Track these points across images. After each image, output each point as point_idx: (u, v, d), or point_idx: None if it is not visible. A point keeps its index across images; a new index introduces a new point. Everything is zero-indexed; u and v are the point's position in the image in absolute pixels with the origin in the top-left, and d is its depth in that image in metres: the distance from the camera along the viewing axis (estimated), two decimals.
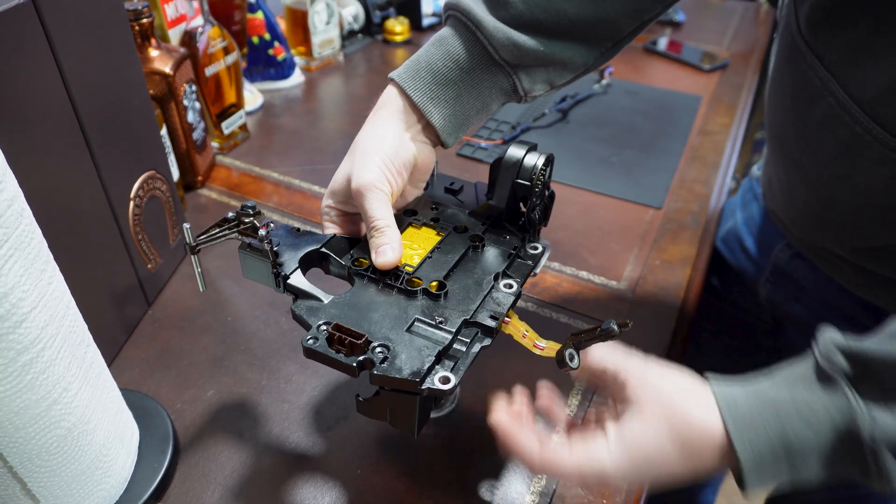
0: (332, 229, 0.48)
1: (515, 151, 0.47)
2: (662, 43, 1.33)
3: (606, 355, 0.41)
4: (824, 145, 0.52)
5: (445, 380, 0.37)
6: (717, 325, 0.86)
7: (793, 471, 0.37)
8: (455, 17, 0.49)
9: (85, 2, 0.51)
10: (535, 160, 0.47)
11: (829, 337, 0.38)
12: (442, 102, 0.49)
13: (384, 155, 0.46)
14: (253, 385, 0.57)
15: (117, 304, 0.60)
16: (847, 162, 0.50)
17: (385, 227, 0.44)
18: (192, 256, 0.44)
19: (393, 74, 0.49)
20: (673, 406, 0.38)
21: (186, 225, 0.42)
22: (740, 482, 0.37)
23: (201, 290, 0.46)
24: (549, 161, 0.48)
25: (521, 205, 0.49)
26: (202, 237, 0.44)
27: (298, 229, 0.47)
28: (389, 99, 0.49)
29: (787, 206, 0.63)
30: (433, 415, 0.55)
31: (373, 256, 0.44)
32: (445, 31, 0.50)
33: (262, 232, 0.42)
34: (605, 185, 0.88)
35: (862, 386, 0.36)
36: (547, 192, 0.50)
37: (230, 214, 0.44)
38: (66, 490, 0.42)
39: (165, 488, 0.49)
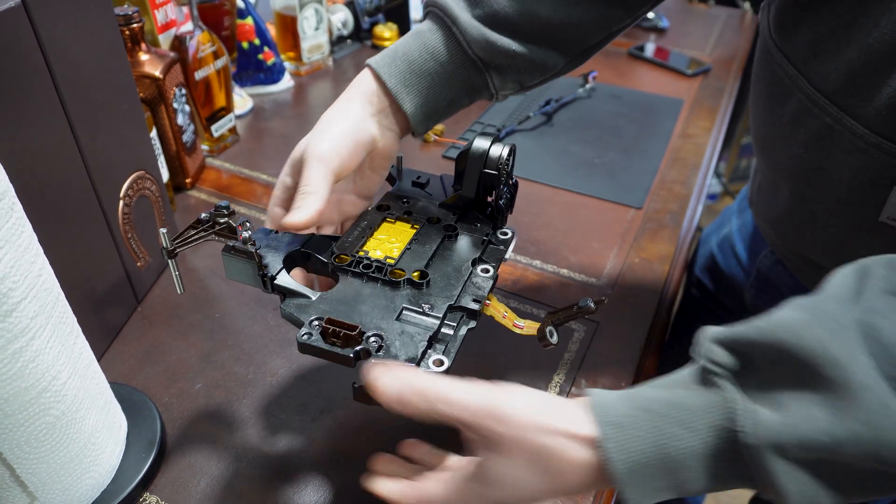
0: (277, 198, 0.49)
1: (481, 143, 0.49)
2: (649, 49, 1.35)
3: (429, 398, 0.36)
4: (798, 139, 0.54)
5: (439, 362, 0.39)
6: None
7: (673, 480, 0.33)
8: (433, 12, 0.52)
9: (76, 6, 0.52)
10: (499, 151, 0.49)
11: (707, 331, 0.34)
12: (415, 91, 0.50)
13: (341, 130, 0.47)
14: (240, 379, 0.59)
15: (107, 300, 0.61)
16: (820, 153, 0.52)
17: (308, 193, 0.44)
18: (169, 261, 0.45)
19: (370, 60, 0.51)
20: (532, 435, 0.34)
21: (163, 230, 0.43)
22: (623, 497, 0.33)
23: (179, 292, 0.47)
24: (512, 151, 0.50)
25: (487, 195, 0.51)
26: (178, 241, 0.44)
27: (276, 231, 0.48)
28: (362, 82, 0.51)
29: (770, 208, 0.65)
30: None
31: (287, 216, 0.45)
32: (424, 25, 0.53)
33: (245, 234, 0.43)
34: (587, 185, 0.90)
35: (745, 379, 0.32)
36: (511, 181, 0.52)
37: (203, 215, 0.45)
38: (55, 477, 0.43)
39: (153, 478, 0.50)
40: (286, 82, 1.13)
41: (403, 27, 1.34)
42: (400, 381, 0.36)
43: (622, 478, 0.33)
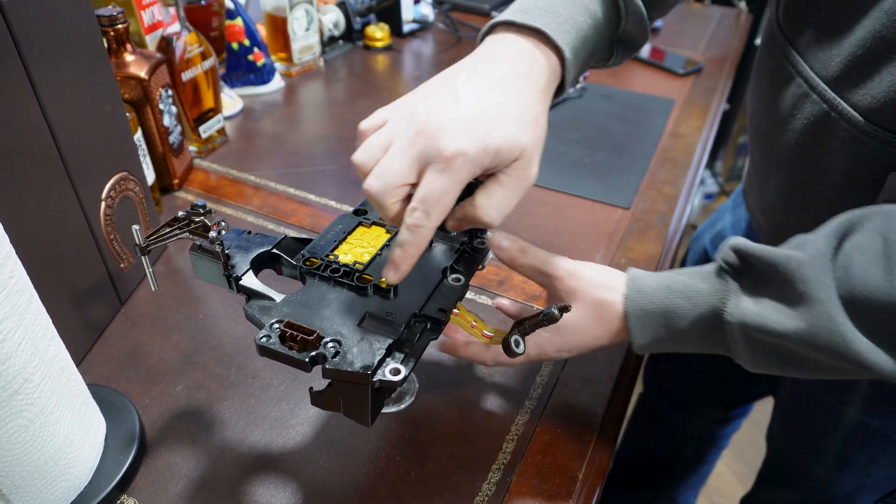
0: None
1: None
2: (645, 50, 1.35)
3: (531, 254, 0.49)
4: (794, 125, 0.54)
5: (396, 371, 0.38)
6: None
7: (670, 331, 0.46)
8: None
9: (53, 7, 0.52)
10: None
11: (730, 240, 0.45)
12: (580, 61, 0.48)
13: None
14: (221, 381, 0.59)
15: (88, 302, 0.61)
16: (814, 140, 0.52)
17: None
18: (142, 257, 0.45)
19: (546, 30, 0.44)
20: (598, 291, 0.48)
21: (135, 227, 0.43)
22: (632, 338, 0.47)
23: (153, 289, 0.47)
24: None
25: None
26: (152, 237, 0.44)
27: (249, 232, 0.48)
28: (533, 64, 0.44)
29: (761, 195, 0.65)
30: (394, 410, 0.56)
31: None
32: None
33: (212, 234, 0.43)
34: (575, 186, 0.89)
35: (743, 278, 0.44)
36: None
37: (180, 213, 0.45)
38: (28, 480, 0.43)
39: (130, 480, 0.50)
40: (277, 83, 1.13)
41: (395, 27, 1.34)
42: (517, 242, 0.49)
43: (633, 322, 0.46)
